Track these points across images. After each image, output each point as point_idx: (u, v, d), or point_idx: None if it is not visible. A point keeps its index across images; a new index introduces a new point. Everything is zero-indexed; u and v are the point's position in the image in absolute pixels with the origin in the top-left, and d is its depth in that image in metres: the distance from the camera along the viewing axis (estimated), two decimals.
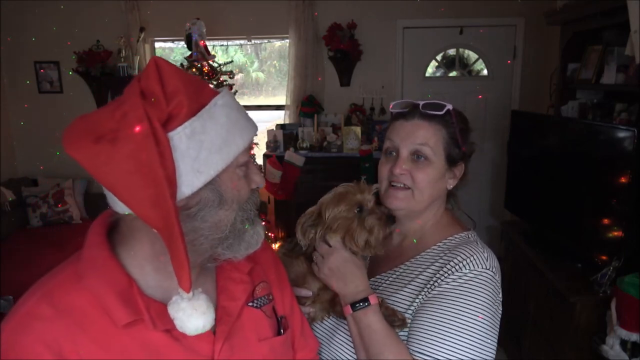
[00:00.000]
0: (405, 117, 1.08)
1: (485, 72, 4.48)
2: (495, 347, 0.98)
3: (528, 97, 4.26)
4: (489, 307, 0.96)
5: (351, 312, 0.98)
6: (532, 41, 4.20)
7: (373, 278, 1.11)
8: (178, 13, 4.23)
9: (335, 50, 4.27)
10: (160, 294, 0.75)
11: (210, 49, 3.87)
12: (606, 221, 2.20)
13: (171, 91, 0.67)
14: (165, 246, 0.65)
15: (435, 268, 1.02)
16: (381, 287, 1.08)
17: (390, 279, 1.08)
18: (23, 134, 4.67)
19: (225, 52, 5.38)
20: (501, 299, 1.03)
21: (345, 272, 1.00)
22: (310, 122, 4.37)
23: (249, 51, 6.26)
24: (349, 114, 4.42)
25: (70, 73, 4.46)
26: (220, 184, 0.72)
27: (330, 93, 4.49)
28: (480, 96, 4.30)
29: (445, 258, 1.02)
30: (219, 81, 3.55)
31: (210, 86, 0.79)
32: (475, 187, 4.40)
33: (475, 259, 0.99)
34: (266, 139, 4.36)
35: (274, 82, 5.86)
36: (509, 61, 4.30)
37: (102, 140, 0.63)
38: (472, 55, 4.54)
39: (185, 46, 3.85)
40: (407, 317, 1.00)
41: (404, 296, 1.03)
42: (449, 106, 1.06)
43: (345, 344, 1.04)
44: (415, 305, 1.00)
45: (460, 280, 0.97)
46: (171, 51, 5.25)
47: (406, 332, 0.99)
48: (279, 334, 0.89)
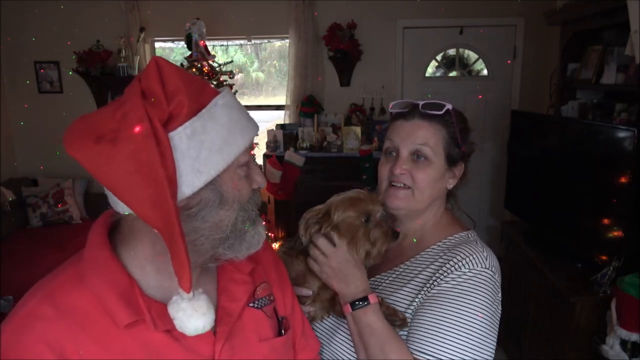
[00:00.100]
0: (405, 117, 1.08)
1: (485, 72, 4.48)
2: (494, 346, 0.98)
3: (528, 97, 4.26)
4: (489, 306, 0.96)
5: (351, 311, 0.98)
6: (532, 41, 4.20)
7: (373, 278, 1.11)
8: (178, 13, 4.23)
9: (335, 50, 4.26)
10: (161, 294, 0.75)
11: (210, 49, 3.87)
12: (606, 221, 2.20)
13: (172, 91, 0.67)
14: (166, 246, 0.65)
15: (434, 267, 1.02)
16: (381, 287, 1.08)
17: (390, 278, 1.09)
18: (23, 134, 4.67)
19: (225, 52, 5.38)
20: (500, 299, 1.03)
21: (346, 273, 1.00)
22: (310, 122, 4.37)
23: (249, 51, 6.26)
24: (349, 114, 4.42)
25: (70, 73, 4.46)
26: (221, 184, 0.72)
27: (330, 93, 4.48)
28: (480, 96, 4.30)
29: (445, 257, 1.02)
30: (219, 81, 3.55)
31: (211, 86, 0.78)
32: (475, 187, 4.40)
33: (474, 258, 0.99)
34: (266, 139, 4.35)
35: (274, 82, 5.86)
36: (509, 61, 4.30)
37: (103, 141, 0.63)
38: (472, 55, 4.53)
39: (185, 46, 3.86)
40: (407, 316, 1.00)
41: (403, 295, 1.03)
42: (449, 106, 1.06)
43: (345, 343, 1.04)
44: (415, 305, 1.00)
45: (460, 279, 0.97)
46: (171, 51, 5.25)
47: (406, 331, 0.99)
48: (279, 334, 0.89)
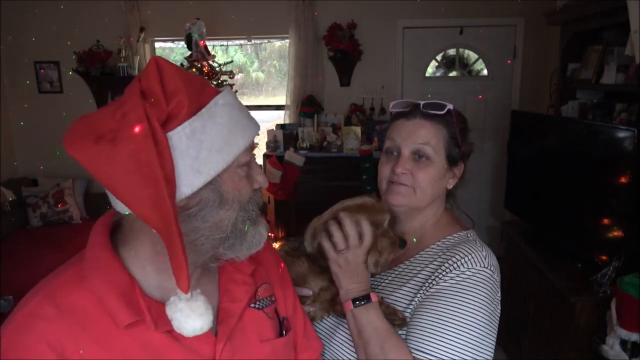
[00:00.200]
0: (406, 117, 1.08)
1: (485, 72, 4.48)
2: (493, 346, 0.98)
3: (528, 97, 4.26)
4: (487, 305, 0.96)
5: (352, 308, 0.98)
6: (532, 41, 4.20)
7: (373, 277, 1.11)
8: (178, 13, 4.23)
9: (335, 50, 4.26)
10: (162, 294, 0.74)
11: (210, 49, 3.88)
12: (606, 221, 2.20)
13: (171, 91, 0.67)
14: (165, 246, 0.65)
15: (433, 266, 1.03)
16: (381, 286, 1.09)
17: (390, 277, 1.09)
18: (23, 134, 4.67)
19: (225, 52, 5.38)
20: (500, 298, 1.03)
21: (357, 269, 1.00)
22: (310, 122, 4.37)
23: (249, 51, 6.26)
24: (349, 114, 4.42)
25: (70, 73, 4.46)
26: (221, 184, 0.72)
27: (330, 93, 4.48)
28: (480, 96, 4.30)
29: (444, 256, 1.03)
30: (219, 81, 3.55)
31: (212, 85, 0.78)
32: (475, 187, 4.40)
33: (473, 257, 0.99)
34: (266, 139, 4.35)
35: (274, 82, 5.86)
36: (509, 61, 4.30)
37: (102, 141, 0.63)
38: (472, 55, 4.53)
39: (185, 46, 3.86)
40: (406, 315, 1.00)
41: (402, 294, 1.04)
42: (450, 106, 1.06)
43: (345, 343, 1.04)
44: (414, 304, 1.00)
45: (458, 279, 0.98)
46: (171, 51, 5.25)
47: (405, 330, 0.99)
48: (281, 335, 0.89)
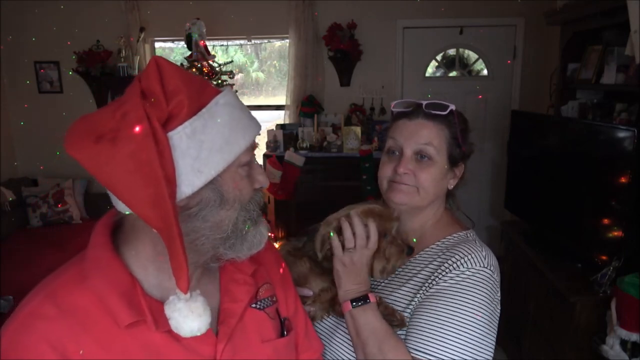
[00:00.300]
0: (408, 117, 1.08)
1: (485, 72, 4.48)
2: (493, 346, 0.98)
3: (528, 97, 4.26)
4: (487, 305, 0.96)
5: (350, 308, 0.98)
6: (532, 41, 4.20)
7: (372, 277, 1.11)
8: (178, 13, 4.23)
9: (335, 50, 4.26)
10: (162, 294, 0.74)
11: (210, 49, 3.89)
12: (606, 221, 2.20)
13: (172, 91, 0.67)
14: (165, 246, 0.65)
15: (433, 266, 1.03)
16: (380, 286, 1.09)
17: (390, 277, 1.08)
18: (23, 134, 4.67)
19: (225, 52, 5.38)
20: (499, 298, 1.03)
21: (360, 270, 1.01)
22: (310, 122, 4.36)
23: (249, 51, 6.26)
24: (349, 114, 4.42)
25: (70, 73, 4.46)
26: (222, 184, 0.72)
27: (330, 93, 4.48)
28: (480, 96, 4.30)
29: (444, 256, 1.03)
30: (219, 81, 3.55)
31: (212, 85, 0.78)
32: (475, 187, 4.39)
33: (473, 257, 0.99)
34: (266, 139, 4.35)
35: (274, 82, 5.85)
36: (509, 61, 4.30)
37: (103, 140, 0.63)
38: (472, 55, 4.53)
39: (185, 46, 3.86)
40: (406, 315, 1.00)
41: (402, 295, 1.04)
42: (452, 106, 1.06)
43: (345, 343, 1.04)
44: (414, 304, 1.00)
45: (458, 278, 0.98)
46: (171, 51, 5.25)
47: (405, 330, 0.99)
48: (282, 335, 0.89)
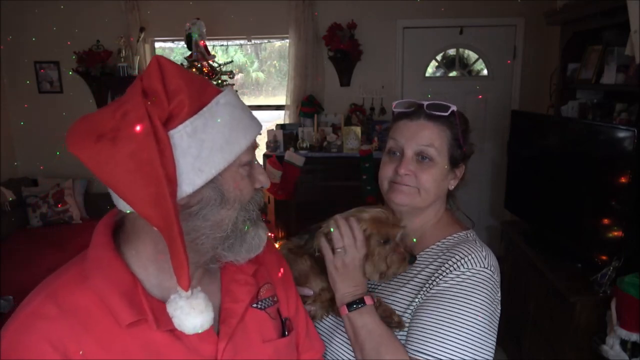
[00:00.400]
0: (409, 117, 1.07)
1: (485, 72, 4.48)
2: (494, 346, 0.98)
3: (528, 97, 4.26)
4: (488, 305, 0.96)
5: (347, 312, 0.99)
6: (532, 41, 4.20)
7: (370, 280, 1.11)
8: (178, 13, 4.23)
9: (335, 50, 4.26)
10: (163, 294, 0.75)
11: (210, 49, 3.88)
12: (606, 221, 2.20)
13: (173, 90, 0.67)
14: (166, 244, 0.65)
15: (434, 267, 1.02)
16: (380, 287, 1.08)
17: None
18: (23, 134, 4.67)
19: (225, 52, 5.38)
20: (500, 298, 1.03)
21: (353, 272, 1.00)
22: (310, 122, 4.36)
23: (249, 51, 6.25)
24: (349, 114, 4.42)
25: (70, 73, 4.46)
26: (222, 183, 0.72)
27: (330, 93, 4.48)
28: (480, 96, 4.30)
29: (444, 257, 1.02)
30: (219, 81, 3.55)
31: (213, 85, 0.79)
32: (475, 187, 4.39)
33: (473, 258, 0.99)
34: (266, 139, 4.35)
35: (274, 82, 5.85)
36: (509, 61, 4.30)
37: (104, 139, 0.63)
38: (472, 55, 4.53)
39: (185, 46, 3.86)
40: (406, 316, 1.00)
41: (402, 295, 1.04)
42: (453, 107, 1.05)
43: (345, 343, 1.04)
44: (415, 305, 1.00)
45: (458, 279, 0.97)
46: (171, 51, 5.25)
47: (405, 332, 0.99)
48: (283, 335, 0.89)
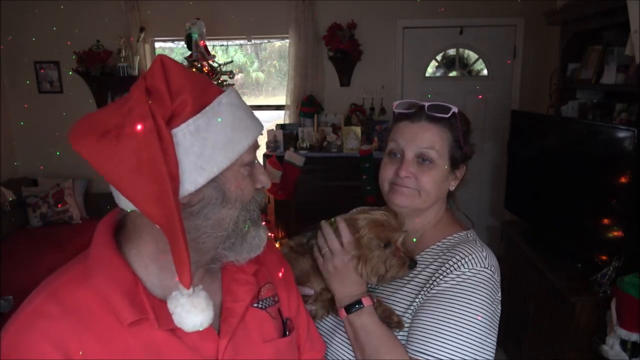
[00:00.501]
0: (410, 119, 1.07)
1: (485, 72, 4.48)
2: (494, 346, 0.98)
3: (528, 97, 4.26)
4: (488, 305, 0.96)
5: (345, 315, 0.99)
6: (532, 41, 4.20)
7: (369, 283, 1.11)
8: (178, 13, 4.23)
9: (335, 50, 4.26)
10: (164, 293, 0.74)
11: (210, 49, 3.88)
12: (606, 221, 2.20)
13: (176, 89, 0.67)
14: (168, 242, 0.65)
15: (434, 267, 1.02)
16: (380, 287, 1.08)
17: None
18: (23, 134, 4.67)
19: (225, 52, 5.38)
20: (500, 298, 1.03)
21: (347, 274, 1.01)
22: (310, 122, 4.37)
23: (249, 51, 6.24)
24: (349, 114, 4.42)
25: (70, 73, 4.46)
26: (224, 182, 0.72)
27: (330, 93, 4.48)
28: (480, 96, 4.30)
29: (444, 257, 1.02)
30: (219, 81, 3.55)
31: (216, 85, 0.79)
32: (475, 187, 4.40)
33: (473, 258, 0.99)
34: (266, 139, 4.35)
35: (274, 82, 5.84)
36: (509, 61, 4.31)
37: (107, 137, 0.63)
38: (472, 55, 4.54)
39: (185, 46, 3.86)
40: (407, 316, 1.00)
41: (403, 296, 1.04)
42: (455, 109, 1.04)
43: (345, 343, 1.04)
44: (415, 305, 1.00)
45: (459, 279, 0.97)
46: (171, 51, 5.24)
47: (406, 332, 0.99)
48: (284, 335, 0.89)
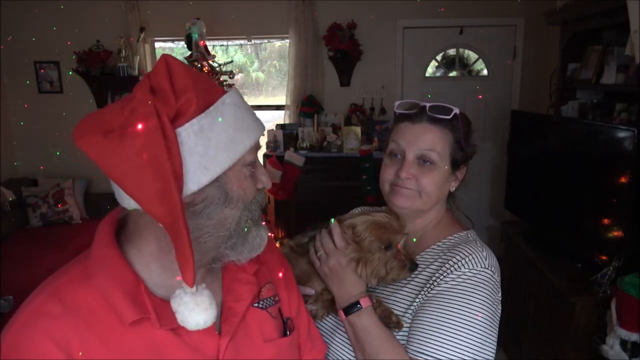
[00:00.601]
0: (411, 120, 1.06)
1: (485, 72, 4.48)
2: (495, 346, 0.98)
3: (528, 97, 4.27)
4: (488, 305, 0.96)
5: (344, 317, 0.99)
6: (532, 41, 4.20)
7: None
8: (178, 13, 4.23)
9: (335, 50, 4.26)
10: (166, 292, 0.75)
11: (210, 49, 3.88)
12: (606, 221, 2.20)
13: (180, 88, 0.68)
14: (171, 241, 0.66)
15: (434, 267, 1.02)
16: (380, 287, 1.08)
17: None
18: (23, 134, 4.66)
19: (225, 52, 5.38)
20: (500, 298, 1.03)
21: (343, 274, 1.01)
22: (310, 122, 4.37)
23: (249, 51, 6.24)
24: (349, 114, 4.42)
25: (70, 73, 4.46)
26: (227, 182, 0.72)
27: (330, 93, 4.48)
28: (480, 96, 4.30)
29: (444, 257, 1.02)
30: (219, 81, 3.55)
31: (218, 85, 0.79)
32: (475, 187, 4.40)
33: (473, 258, 0.99)
34: (266, 139, 4.35)
35: (274, 82, 5.84)
36: (509, 61, 4.31)
37: (112, 135, 0.63)
38: (472, 55, 4.54)
39: (185, 46, 3.86)
40: (407, 316, 1.01)
41: (403, 296, 1.04)
42: (456, 110, 1.04)
43: (345, 343, 1.04)
44: (415, 305, 1.00)
45: (459, 280, 0.97)
46: (171, 51, 5.24)
47: (406, 332, 0.99)
48: (284, 335, 0.89)
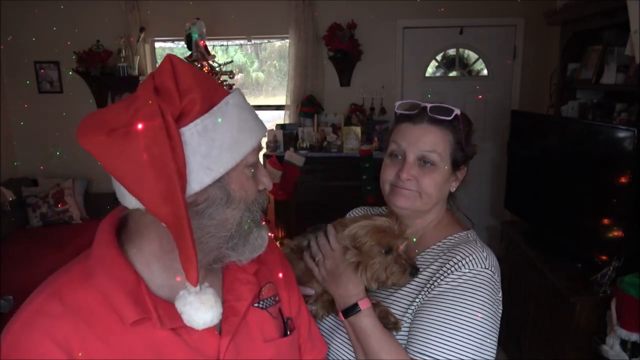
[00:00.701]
0: (412, 120, 1.06)
1: (485, 72, 4.48)
2: (495, 346, 0.98)
3: (528, 97, 4.27)
4: (489, 306, 0.96)
5: (344, 319, 1.00)
6: (532, 41, 4.20)
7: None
8: (178, 13, 4.23)
9: (335, 50, 4.26)
10: (167, 292, 0.75)
11: (210, 49, 3.88)
12: (606, 221, 2.20)
13: (185, 88, 0.68)
14: (174, 240, 0.66)
15: (434, 268, 1.02)
16: (380, 287, 1.08)
17: None
18: (23, 134, 4.66)
19: (225, 52, 5.38)
20: (501, 298, 1.03)
21: (340, 276, 1.01)
22: (310, 122, 4.37)
23: (249, 51, 6.24)
24: (349, 114, 4.42)
25: (70, 73, 4.46)
26: (229, 183, 0.73)
27: (330, 93, 4.48)
28: (480, 96, 4.30)
29: (445, 257, 1.02)
30: (219, 81, 3.55)
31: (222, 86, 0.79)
32: (475, 187, 4.40)
33: (474, 258, 0.99)
34: (266, 139, 4.35)
35: (274, 82, 5.84)
36: (509, 61, 4.31)
37: (116, 133, 0.63)
38: (472, 55, 4.54)
39: (185, 46, 3.86)
40: (407, 316, 1.01)
41: (403, 296, 1.04)
42: (457, 111, 1.03)
43: (345, 343, 1.04)
44: (415, 305, 1.00)
45: (460, 280, 0.97)
46: (171, 51, 5.24)
47: (407, 332, 0.99)
48: (285, 335, 0.89)
